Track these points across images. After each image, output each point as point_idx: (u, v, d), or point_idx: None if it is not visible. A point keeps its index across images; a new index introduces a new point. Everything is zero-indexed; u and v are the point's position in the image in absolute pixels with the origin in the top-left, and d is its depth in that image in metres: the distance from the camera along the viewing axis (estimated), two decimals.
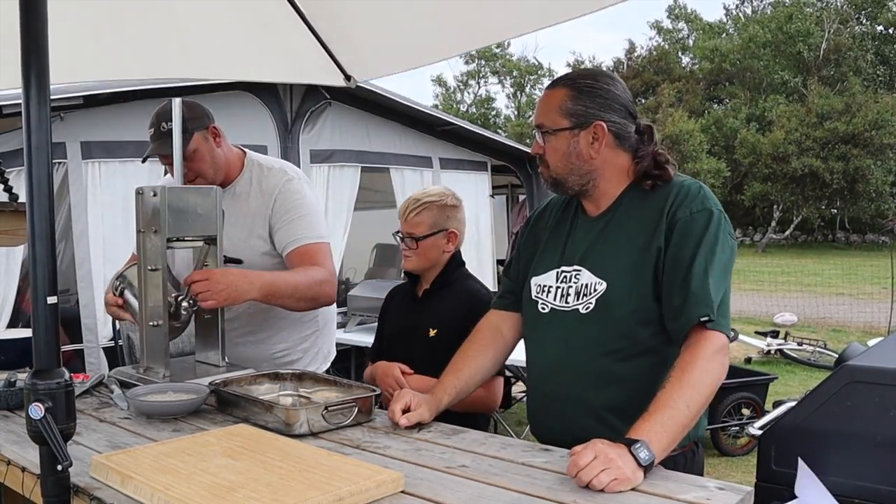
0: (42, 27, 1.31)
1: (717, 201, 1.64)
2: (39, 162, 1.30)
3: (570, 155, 1.69)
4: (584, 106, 1.67)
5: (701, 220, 1.58)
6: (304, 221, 2.33)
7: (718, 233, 1.58)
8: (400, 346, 2.26)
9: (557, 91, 1.71)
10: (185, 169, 2.24)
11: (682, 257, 1.57)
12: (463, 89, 45.84)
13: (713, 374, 1.49)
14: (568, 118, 1.68)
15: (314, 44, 2.49)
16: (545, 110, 1.72)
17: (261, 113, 4.99)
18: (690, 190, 1.63)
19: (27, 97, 1.29)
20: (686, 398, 1.44)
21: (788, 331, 8.52)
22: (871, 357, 2.47)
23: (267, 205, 2.34)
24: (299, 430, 1.66)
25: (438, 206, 2.23)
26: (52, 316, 1.30)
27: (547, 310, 1.73)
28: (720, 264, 1.56)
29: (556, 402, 1.71)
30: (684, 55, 38.90)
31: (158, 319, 2.08)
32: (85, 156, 4.21)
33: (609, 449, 1.33)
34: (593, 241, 1.71)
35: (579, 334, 1.66)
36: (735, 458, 4.92)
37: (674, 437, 1.42)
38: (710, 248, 1.56)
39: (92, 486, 1.37)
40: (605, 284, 1.64)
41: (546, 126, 1.70)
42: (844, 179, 24.91)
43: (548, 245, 1.82)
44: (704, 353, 1.49)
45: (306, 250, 2.30)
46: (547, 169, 1.74)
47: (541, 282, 1.77)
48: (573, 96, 1.68)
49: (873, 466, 2.15)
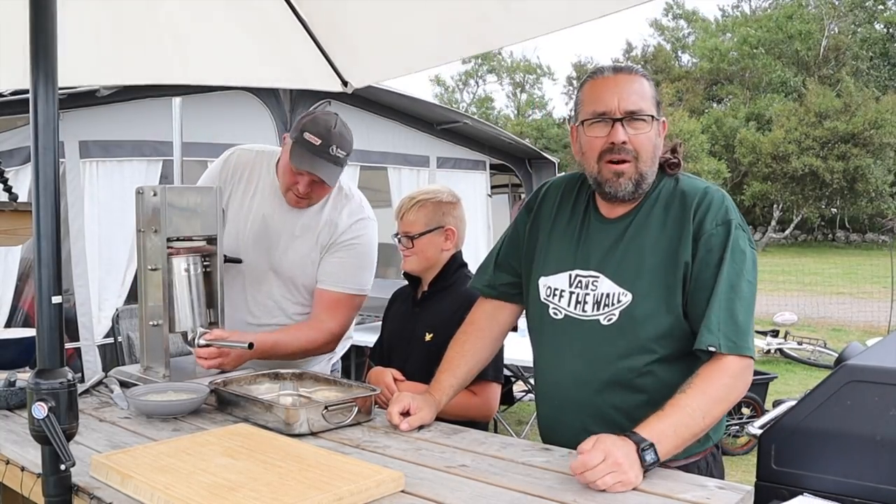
0: (51, 28, 1.31)
1: (738, 211, 1.59)
2: (46, 162, 1.30)
3: (657, 148, 1.59)
4: (659, 98, 1.60)
5: (723, 236, 1.53)
6: (354, 269, 2.32)
7: (745, 251, 1.53)
8: (397, 350, 2.23)
9: (639, 78, 1.58)
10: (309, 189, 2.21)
11: (704, 277, 1.52)
12: (462, 89, 45.87)
13: (734, 391, 1.47)
14: (656, 109, 1.58)
15: (312, 49, 2.49)
16: (639, 96, 1.55)
17: (260, 112, 4.99)
18: (715, 200, 1.56)
19: (35, 97, 1.29)
20: (704, 409, 1.42)
21: (788, 330, 8.51)
22: (871, 356, 2.46)
23: (332, 231, 2.32)
24: (299, 430, 1.66)
25: (433, 203, 2.18)
26: (56, 315, 1.31)
27: (560, 316, 1.66)
28: (742, 286, 1.51)
29: (572, 412, 1.65)
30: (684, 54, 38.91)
31: (158, 319, 2.08)
32: (83, 155, 4.21)
33: (617, 451, 1.31)
34: (612, 246, 1.62)
35: (601, 346, 1.59)
36: (735, 457, 4.92)
37: (682, 442, 1.41)
38: (733, 269, 1.51)
39: (92, 486, 1.37)
40: (631, 296, 1.56)
41: (645, 111, 1.55)
42: (844, 179, 24.90)
43: (556, 242, 1.71)
44: (727, 372, 1.46)
45: (337, 298, 2.29)
46: (635, 163, 1.56)
47: (550, 283, 1.68)
48: (652, 87, 1.59)
49: (873, 466, 2.15)
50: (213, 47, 2.54)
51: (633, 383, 1.58)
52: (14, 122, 3.77)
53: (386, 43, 2.42)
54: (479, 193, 6.79)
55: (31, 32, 1.30)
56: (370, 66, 2.60)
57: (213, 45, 2.53)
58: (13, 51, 1.90)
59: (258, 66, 2.71)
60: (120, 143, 4.32)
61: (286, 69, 2.73)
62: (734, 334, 1.48)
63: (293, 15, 2.39)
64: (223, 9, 2.39)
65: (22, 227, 1.90)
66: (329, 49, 2.50)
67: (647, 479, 1.34)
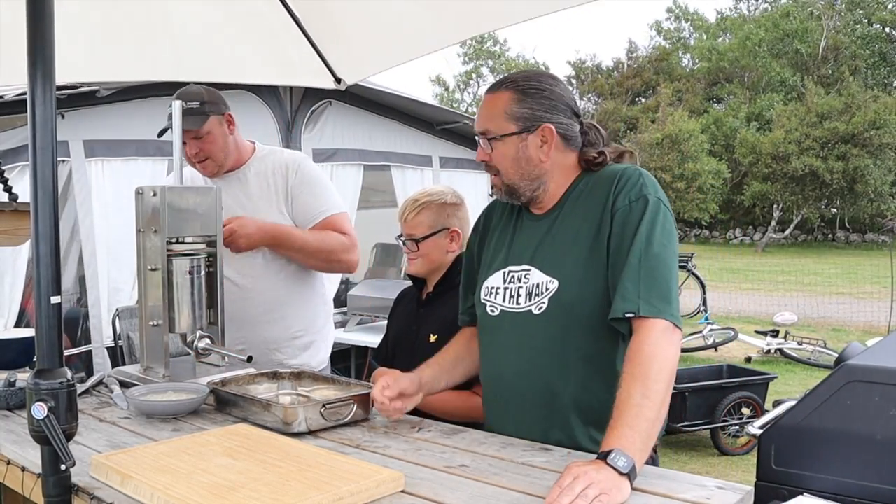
0: (48, 27, 1.31)
1: (657, 186, 1.60)
2: (44, 161, 1.30)
3: (519, 160, 1.64)
4: (530, 108, 1.62)
5: (637, 210, 1.55)
6: (326, 193, 2.51)
7: (655, 221, 1.53)
8: (402, 351, 2.23)
9: (501, 94, 1.65)
10: (197, 148, 2.41)
11: (619, 250, 1.54)
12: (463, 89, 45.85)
13: (661, 358, 1.43)
14: (515, 122, 1.62)
15: (305, 46, 2.50)
16: (489, 115, 1.65)
17: (262, 112, 4.99)
18: (630, 178, 1.59)
19: (32, 97, 1.29)
20: (641, 390, 1.38)
21: (788, 330, 8.51)
22: (871, 356, 2.47)
23: (285, 177, 2.48)
24: (297, 429, 1.66)
25: (437, 205, 2.18)
26: (55, 316, 1.31)
27: (496, 312, 1.69)
28: (656, 253, 1.51)
29: (517, 406, 1.66)
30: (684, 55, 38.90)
31: (158, 319, 2.08)
32: (88, 154, 4.20)
33: (587, 467, 1.28)
34: (541, 240, 1.67)
35: (536, 335, 1.62)
36: (735, 457, 4.92)
37: (646, 433, 1.36)
38: (646, 238, 1.51)
39: (92, 486, 1.38)
40: (557, 283, 1.60)
41: (492, 132, 1.64)
42: (844, 179, 24.89)
43: (494, 247, 1.78)
44: (647, 340, 1.44)
45: (331, 221, 2.48)
46: (498, 177, 1.69)
47: (489, 284, 1.73)
48: (518, 99, 1.63)
49: (873, 466, 2.15)
50: (205, 45, 2.56)
51: (575, 368, 1.59)
52: (15, 122, 3.77)
53: (377, 35, 2.45)
54: (481, 193, 6.80)
55: (29, 33, 1.31)
56: (362, 61, 2.62)
57: (206, 42, 2.55)
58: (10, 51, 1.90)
59: (251, 64, 2.73)
60: (125, 142, 4.32)
61: (279, 67, 2.75)
62: (655, 298, 1.47)
63: (286, 12, 2.40)
64: (216, 6, 2.40)
65: (22, 228, 1.90)
66: (321, 46, 2.51)
67: (647, 479, 1.35)
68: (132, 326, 3.79)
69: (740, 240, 29.27)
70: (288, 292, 2.51)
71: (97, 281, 4.23)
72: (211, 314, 2.18)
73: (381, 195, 6.83)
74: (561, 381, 1.61)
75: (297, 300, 2.54)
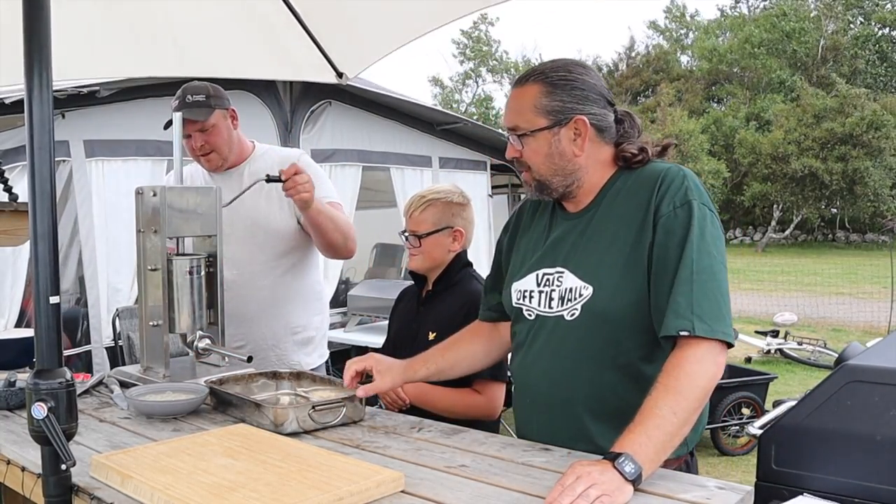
0: (45, 26, 1.31)
1: (702, 189, 1.51)
2: (42, 161, 1.30)
3: (552, 156, 1.56)
4: (560, 101, 1.54)
5: (682, 217, 1.46)
6: (326, 184, 2.54)
7: (704, 229, 1.45)
8: (402, 348, 2.22)
9: (529, 87, 1.57)
10: (202, 141, 2.42)
11: (665, 261, 1.46)
12: (461, 89, 45.88)
13: (702, 378, 1.38)
14: (545, 116, 1.54)
15: (306, 41, 2.50)
16: (518, 110, 1.57)
17: (261, 112, 4.99)
18: (675, 181, 1.50)
19: (30, 97, 1.29)
20: (671, 405, 1.34)
21: (788, 330, 8.51)
22: (871, 356, 2.47)
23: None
24: (289, 429, 1.66)
25: (444, 204, 2.18)
26: (54, 316, 1.31)
27: (533, 316, 1.64)
28: (707, 265, 1.44)
29: (544, 411, 1.63)
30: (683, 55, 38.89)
31: (158, 319, 2.08)
32: (88, 154, 4.20)
33: (591, 467, 1.27)
34: (576, 241, 1.59)
35: (568, 341, 1.57)
36: (735, 457, 4.92)
37: (661, 446, 1.33)
38: (697, 248, 1.44)
39: (92, 486, 1.37)
40: (592, 289, 1.53)
41: (522, 128, 1.56)
42: (843, 180, 24.91)
43: (526, 247, 1.71)
44: (692, 357, 1.38)
45: (332, 205, 2.48)
46: (529, 172, 1.61)
47: (521, 287, 1.67)
48: (547, 91, 1.54)
49: (873, 466, 2.15)
50: (206, 40, 2.57)
51: (604, 378, 1.54)
52: (14, 122, 3.76)
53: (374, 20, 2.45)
54: (481, 193, 6.79)
55: (25, 34, 1.30)
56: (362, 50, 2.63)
57: (207, 37, 2.55)
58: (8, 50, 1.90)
59: (252, 59, 2.73)
60: (125, 142, 4.32)
61: (281, 62, 2.76)
62: (708, 316, 1.40)
63: (286, 7, 2.40)
64: (217, 2, 2.40)
65: (22, 228, 1.90)
66: (321, 39, 2.52)
67: (647, 479, 1.34)
68: (132, 326, 3.79)
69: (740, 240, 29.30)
70: (286, 289, 2.53)
71: (97, 281, 4.23)
72: (211, 314, 2.18)
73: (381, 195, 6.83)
74: (590, 388, 1.56)
75: (295, 296, 2.55)
